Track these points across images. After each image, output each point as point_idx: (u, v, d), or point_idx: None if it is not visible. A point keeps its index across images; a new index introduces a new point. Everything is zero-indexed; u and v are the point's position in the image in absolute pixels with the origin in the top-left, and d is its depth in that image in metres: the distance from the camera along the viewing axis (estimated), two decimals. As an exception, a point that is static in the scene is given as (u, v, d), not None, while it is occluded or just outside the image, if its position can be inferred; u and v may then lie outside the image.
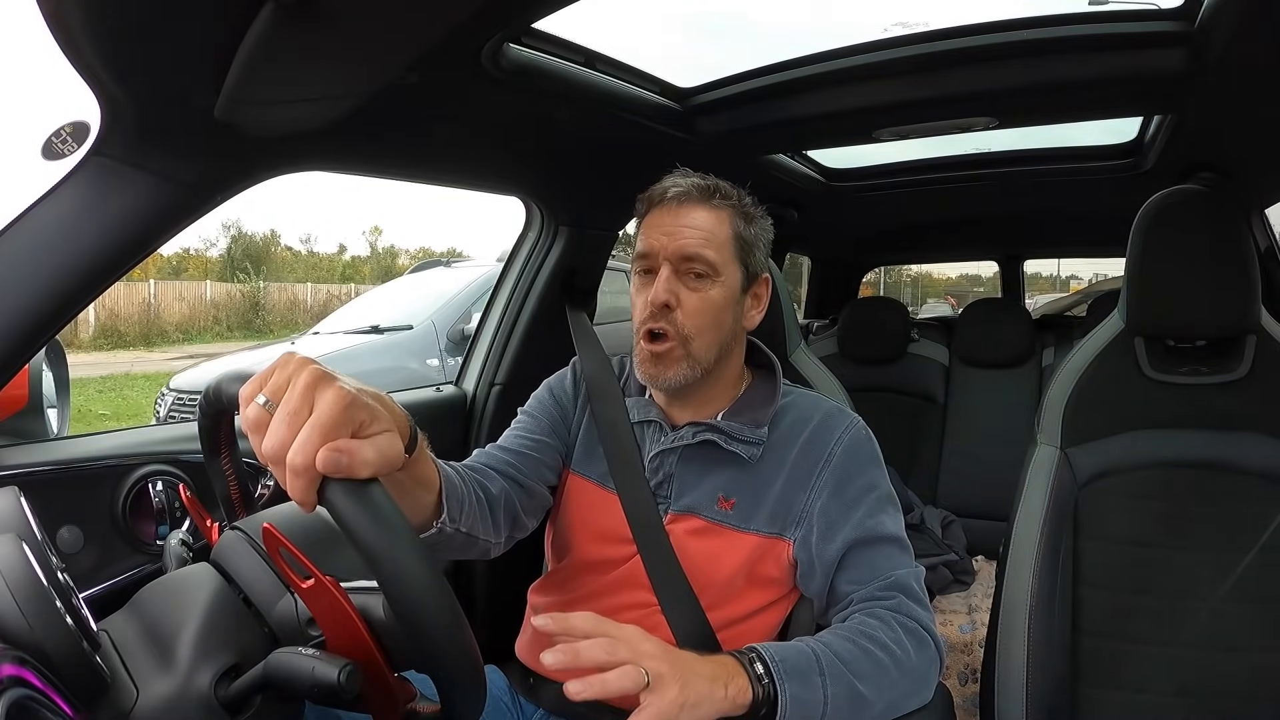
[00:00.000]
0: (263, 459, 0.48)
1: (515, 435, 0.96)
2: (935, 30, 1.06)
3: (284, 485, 0.48)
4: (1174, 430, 1.04)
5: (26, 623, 0.47)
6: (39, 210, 0.77)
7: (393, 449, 0.51)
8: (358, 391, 0.51)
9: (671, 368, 0.87)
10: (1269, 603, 0.96)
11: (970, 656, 1.59)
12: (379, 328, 4.15)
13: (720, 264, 0.86)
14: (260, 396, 0.49)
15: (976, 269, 16.19)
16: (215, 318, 14.41)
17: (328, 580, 0.52)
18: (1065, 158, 1.65)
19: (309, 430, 0.47)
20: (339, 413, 0.48)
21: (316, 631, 0.56)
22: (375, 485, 0.49)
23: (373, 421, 0.51)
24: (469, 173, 1.28)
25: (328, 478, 0.47)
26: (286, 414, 0.48)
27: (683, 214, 0.87)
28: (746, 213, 0.90)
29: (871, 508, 0.87)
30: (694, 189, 0.87)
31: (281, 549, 0.52)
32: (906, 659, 0.78)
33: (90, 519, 0.91)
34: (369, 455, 0.48)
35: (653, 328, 0.86)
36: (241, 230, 19.86)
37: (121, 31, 0.63)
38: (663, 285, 0.85)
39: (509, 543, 0.88)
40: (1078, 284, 17.22)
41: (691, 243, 0.86)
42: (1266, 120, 1.16)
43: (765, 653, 0.71)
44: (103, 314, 12.47)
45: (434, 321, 4.02)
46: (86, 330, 12.10)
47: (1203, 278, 1.00)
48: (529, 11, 0.83)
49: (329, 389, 0.49)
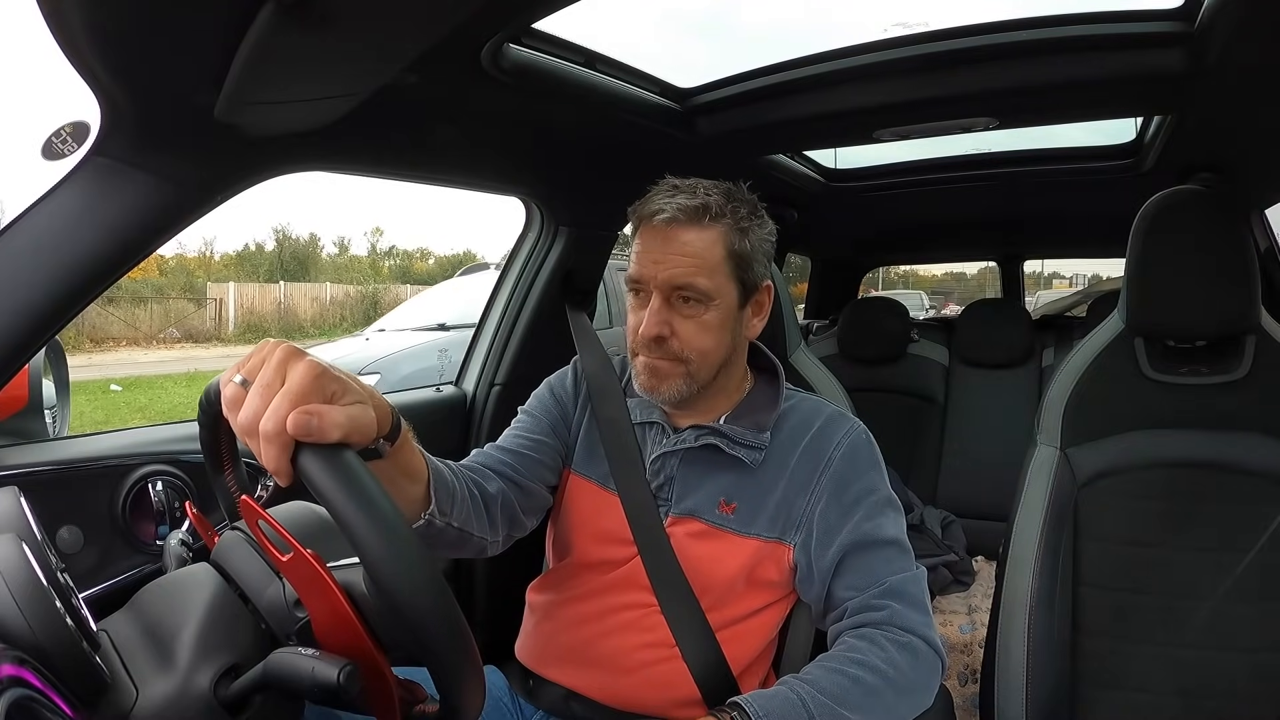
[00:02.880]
0: (239, 433, 0.51)
1: (514, 435, 0.96)
2: (935, 30, 1.06)
3: (259, 457, 0.49)
4: (1174, 430, 1.04)
5: (26, 623, 0.47)
6: (39, 210, 0.77)
7: (364, 417, 0.52)
8: (330, 365, 0.53)
9: (667, 383, 0.86)
10: (1269, 603, 0.96)
11: (970, 657, 1.59)
12: (445, 325, 4.37)
13: (713, 289, 0.84)
14: (237, 376, 0.52)
15: (961, 267, 16.96)
16: (341, 315, 15.76)
17: (307, 553, 0.52)
18: (1065, 158, 1.65)
19: (280, 398, 0.49)
20: (309, 381, 0.50)
21: (303, 613, 0.56)
22: (347, 451, 0.49)
23: (345, 393, 0.52)
24: (469, 173, 1.28)
25: (301, 445, 0.48)
26: (260, 387, 0.50)
27: (671, 239, 0.83)
28: (741, 226, 0.85)
29: (870, 511, 0.87)
30: (681, 212, 0.83)
31: (260, 522, 0.53)
32: (900, 677, 0.77)
33: (90, 519, 0.91)
34: (338, 418, 0.49)
35: (648, 359, 0.86)
36: (287, 234, 20.69)
37: (121, 31, 0.63)
38: (654, 319, 0.83)
39: (507, 541, 0.88)
40: (1060, 283, 17.37)
41: (681, 272, 0.83)
42: (1266, 120, 1.15)
43: (749, 707, 0.71)
44: (240, 311, 14.07)
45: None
46: (227, 327, 13.87)
47: (1202, 278, 1.00)
48: (529, 12, 0.83)
49: (300, 361, 0.51)
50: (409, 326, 4.73)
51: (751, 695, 0.74)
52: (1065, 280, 18.09)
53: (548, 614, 0.94)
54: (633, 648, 0.88)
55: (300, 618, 0.57)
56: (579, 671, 0.90)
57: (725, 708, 0.73)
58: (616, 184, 1.01)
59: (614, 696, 0.88)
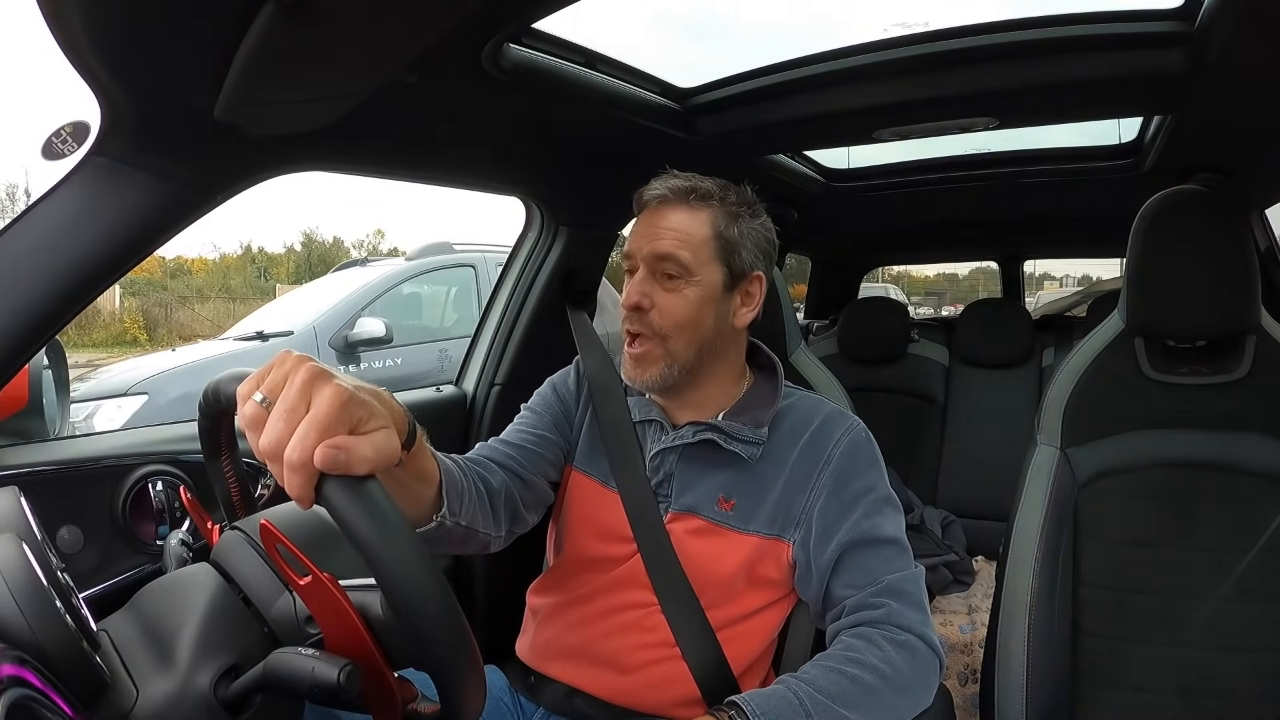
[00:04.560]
0: (260, 456, 0.49)
1: (517, 429, 0.97)
2: (935, 30, 1.06)
3: (281, 482, 0.48)
4: (1174, 430, 1.04)
5: (26, 623, 0.47)
6: (39, 210, 0.77)
7: (390, 446, 0.51)
8: (355, 388, 0.51)
9: (649, 368, 0.88)
10: (1269, 603, 0.96)
11: (970, 656, 1.59)
12: (264, 334, 3.83)
13: (694, 264, 0.87)
14: (257, 394, 0.50)
15: (953, 268, 17.32)
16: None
17: (325, 577, 0.52)
18: (1065, 158, 1.65)
19: (306, 427, 0.47)
20: (336, 409, 0.48)
21: (315, 630, 0.56)
22: (373, 482, 0.49)
23: (370, 418, 0.51)
24: (469, 173, 1.28)
25: (325, 474, 0.47)
26: (284, 410, 0.48)
27: (660, 216, 0.88)
28: (731, 211, 0.89)
29: (869, 509, 0.87)
30: (671, 191, 0.89)
31: (279, 545, 0.52)
32: (898, 676, 0.78)
33: (90, 519, 0.91)
34: (366, 452, 0.48)
35: (630, 329, 0.89)
36: (313, 237, 21.30)
37: (122, 32, 0.63)
38: (635, 287, 0.88)
39: (509, 537, 0.88)
40: (1051, 284, 17.50)
41: (664, 244, 0.87)
42: (1266, 120, 1.15)
43: (746, 706, 0.71)
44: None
45: (315, 327, 3.74)
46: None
47: (1203, 278, 1.00)
48: (529, 12, 0.83)
49: (326, 385, 0.49)
50: (231, 335, 4.21)
51: (749, 694, 0.74)
52: (1056, 281, 18.20)
53: (549, 615, 0.95)
54: (633, 647, 0.88)
55: (312, 634, 0.57)
56: (581, 668, 0.90)
57: (723, 707, 0.73)
58: (617, 184, 1.01)
59: (615, 694, 0.89)
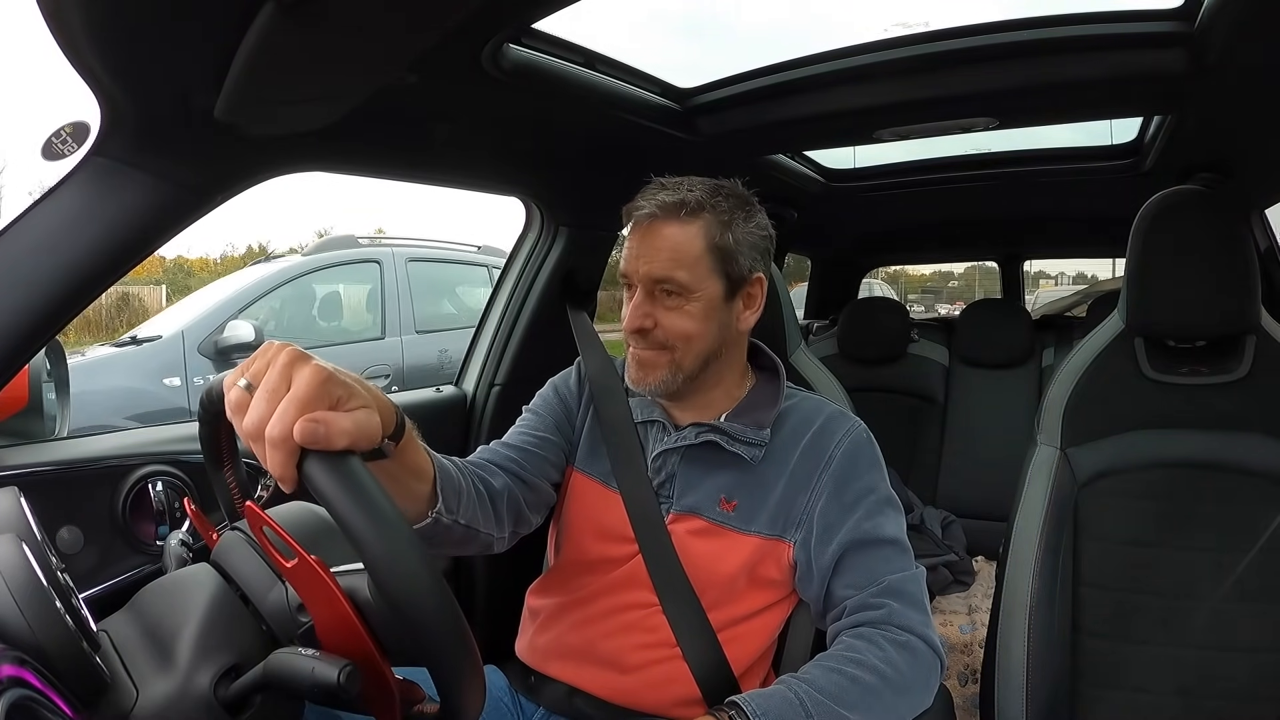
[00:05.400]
0: (244, 438, 0.50)
1: (519, 432, 0.97)
2: (935, 30, 1.06)
3: (264, 462, 0.49)
4: (1174, 430, 1.04)
5: (26, 623, 0.47)
6: (39, 210, 0.77)
7: (370, 423, 0.52)
8: (335, 370, 0.53)
9: (654, 373, 0.88)
10: (1269, 603, 0.96)
11: (970, 657, 1.59)
12: (137, 339, 3.52)
13: (692, 281, 0.85)
14: (241, 380, 0.52)
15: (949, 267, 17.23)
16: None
17: (312, 559, 0.52)
18: (1065, 158, 1.65)
19: (286, 404, 0.49)
20: (315, 386, 0.50)
21: (306, 618, 0.56)
22: (354, 458, 0.50)
23: (350, 397, 0.52)
24: (469, 173, 1.28)
25: (306, 451, 0.48)
26: (266, 391, 0.50)
27: (652, 234, 0.86)
28: (723, 219, 0.86)
29: (870, 510, 0.87)
30: (660, 208, 0.86)
31: (265, 528, 0.53)
32: (899, 677, 0.78)
33: (90, 519, 0.91)
34: (345, 424, 0.49)
35: (634, 350, 0.89)
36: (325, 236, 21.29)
37: (121, 32, 0.63)
38: (636, 310, 0.87)
39: (513, 538, 0.88)
40: (1047, 282, 17.50)
41: (659, 266, 0.85)
42: (1266, 120, 1.16)
43: (746, 706, 0.72)
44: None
45: (184, 332, 3.48)
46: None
47: (1202, 278, 1.00)
48: (529, 12, 0.83)
49: (306, 365, 0.51)
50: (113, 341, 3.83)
51: (749, 694, 0.74)
52: (1051, 280, 18.19)
53: (550, 615, 0.95)
54: (634, 647, 0.88)
55: (304, 622, 0.57)
56: (582, 668, 0.90)
57: (723, 707, 0.73)
58: (617, 184, 1.01)
59: (616, 694, 0.89)
